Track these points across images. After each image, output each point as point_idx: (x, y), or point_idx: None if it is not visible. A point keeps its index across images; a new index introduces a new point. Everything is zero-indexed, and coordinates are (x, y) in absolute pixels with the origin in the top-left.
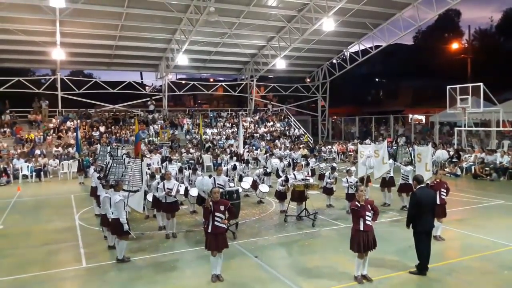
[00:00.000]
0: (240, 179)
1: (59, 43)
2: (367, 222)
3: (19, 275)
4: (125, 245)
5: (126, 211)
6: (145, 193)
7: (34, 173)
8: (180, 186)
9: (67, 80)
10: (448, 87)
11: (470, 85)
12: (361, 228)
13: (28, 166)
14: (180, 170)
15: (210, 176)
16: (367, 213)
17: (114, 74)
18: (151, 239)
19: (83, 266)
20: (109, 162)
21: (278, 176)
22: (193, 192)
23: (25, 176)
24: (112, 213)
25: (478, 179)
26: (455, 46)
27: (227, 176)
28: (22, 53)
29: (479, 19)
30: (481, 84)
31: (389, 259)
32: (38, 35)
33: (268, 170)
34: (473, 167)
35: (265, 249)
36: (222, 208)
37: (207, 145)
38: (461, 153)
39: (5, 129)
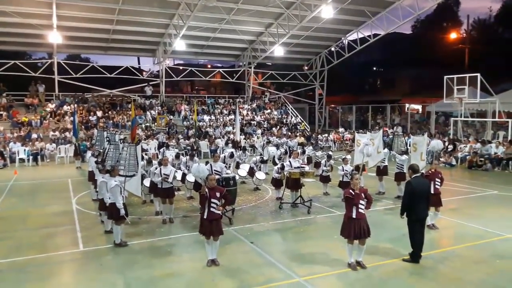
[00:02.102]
0: (237, 166)
1: (55, 26)
2: (360, 210)
3: (17, 257)
4: (120, 230)
5: (123, 196)
6: (142, 178)
7: (31, 157)
8: (177, 172)
9: (64, 64)
10: (445, 77)
11: (468, 75)
12: (354, 216)
13: (25, 150)
14: (177, 156)
15: (207, 163)
16: (361, 201)
17: (111, 59)
18: (148, 224)
19: (80, 250)
20: (106, 147)
21: (275, 164)
22: (190, 177)
23: (22, 160)
24: (109, 198)
25: (472, 169)
26: (453, 36)
27: (224, 163)
28: (19, 36)
29: (478, 9)
30: (478, 74)
31: (383, 247)
32: (34, 17)
33: (265, 158)
34: (467, 157)
35: (260, 235)
36: (218, 194)
37: (199, 132)
38: (456, 143)
39: (1, 113)
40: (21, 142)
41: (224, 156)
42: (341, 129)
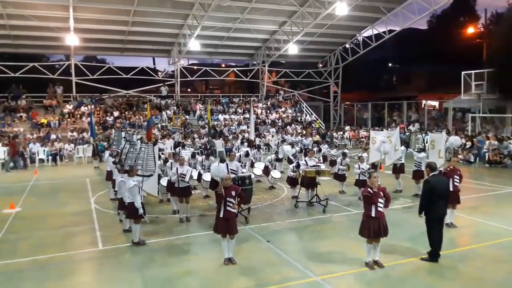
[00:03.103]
0: (252, 165)
1: (72, 29)
2: (379, 208)
3: (37, 256)
4: (138, 228)
5: (141, 195)
6: (159, 177)
7: (50, 157)
8: (193, 171)
9: (81, 66)
10: (463, 72)
11: (486, 70)
12: (373, 215)
13: (44, 150)
14: (193, 156)
15: (223, 161)
16: (379, 199)
17: (127, 60)
18: (165, 223)
19: (99, 249)
20: (125, 147)
21: (290, 162)
22: (206, 176)
23: (41, 160)
24: (128, 197)
25: (492, 166)
26: (470, 30)
27: (239, 162)
28: (37, 39)
29: (496, 3)
30: None
31: (401, 246)
32: (52, 20)
33: (280, 156)
34: (487, 154)
35: (277, 233)
36: (233, 193)
37: (213, 131)
38: (474, 139)
39: (21, 114)
40: (41, 142)
41: (240, 155)
42: (347, 127)
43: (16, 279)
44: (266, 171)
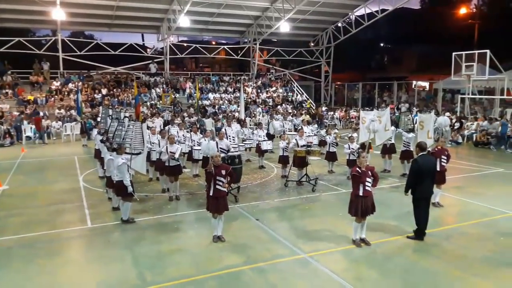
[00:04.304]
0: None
1: (59, 3)
2: (367, 188)
3: (26, 234)
4: (129, 207)
5: (130, 174)
6: (148, 154)
7: (37, 135)
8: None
9: (68, 41)
10: (453, 53)
11: (476, 51)
12: (361, 194)
13: (31, 128)
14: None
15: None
16: (368, 179)
17: (115, 36)
18: (155, 201)
19: (88, 226)
20: (112, 125)
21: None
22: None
23: (28, 138)
24: (116, 175)
25: (479, 147)
26: (463, 11)
27: (227, 137)
28: (22, 13)
29: None
30: (488, 51)
31: (388, 224)
32: None
33: (271, 133)
34: (474, 135)
35: (266, 212)
36: (223, 172)
37: (202, 110)
38: (463, 120)
39: (6, 90)
40: (28, 120)
41: (225, 129)
42: (324, 108)
43: (4, 256)
44: (260, 150)
